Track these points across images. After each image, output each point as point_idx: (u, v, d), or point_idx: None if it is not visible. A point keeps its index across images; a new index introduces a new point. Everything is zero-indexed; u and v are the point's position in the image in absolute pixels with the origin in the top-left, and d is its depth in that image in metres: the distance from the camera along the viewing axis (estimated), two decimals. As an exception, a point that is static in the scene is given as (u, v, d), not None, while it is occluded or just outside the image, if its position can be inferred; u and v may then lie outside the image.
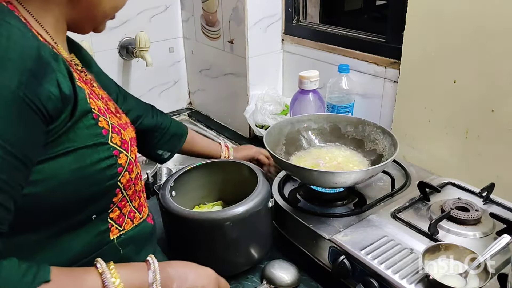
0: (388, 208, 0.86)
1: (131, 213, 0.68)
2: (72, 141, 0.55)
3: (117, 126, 0.62)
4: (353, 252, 0.73)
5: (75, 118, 0.54)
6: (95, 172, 0.58)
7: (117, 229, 0.65)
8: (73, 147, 0.55)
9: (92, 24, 0.64)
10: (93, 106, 0.58)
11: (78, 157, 0.55)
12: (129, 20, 1.43)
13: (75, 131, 0.55)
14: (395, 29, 1.04)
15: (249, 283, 0.83)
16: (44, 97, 0.49)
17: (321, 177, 0.82)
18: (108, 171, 0.59)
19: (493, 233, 0.77)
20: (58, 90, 0.51)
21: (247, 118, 1.35)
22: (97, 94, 0.65)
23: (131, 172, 0.63)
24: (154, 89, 1.60)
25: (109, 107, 0.66)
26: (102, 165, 0.58)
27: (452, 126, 0.97)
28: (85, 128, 0.56)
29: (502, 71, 0.85)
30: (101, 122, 0.59)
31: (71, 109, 0.54)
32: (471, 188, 0.90)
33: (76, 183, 0.56)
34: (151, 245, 0.74)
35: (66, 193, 0.56)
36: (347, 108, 1.16)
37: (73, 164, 0.55)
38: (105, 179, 0.59)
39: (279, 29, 1.38)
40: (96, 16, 0.62)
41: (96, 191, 0.59)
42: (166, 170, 0.99)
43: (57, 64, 0.52)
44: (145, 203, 0.74)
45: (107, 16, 0.64)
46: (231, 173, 0.94)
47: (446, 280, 0.63)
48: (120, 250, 0.65)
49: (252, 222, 0.80)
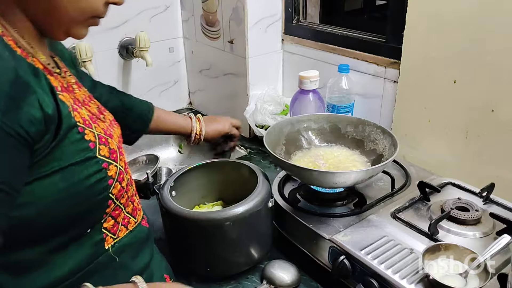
0: (388, 208, 0.86)
1: (125, 219, 0.66)
2: (58, 159, 0.52)
3: (104, 136, 0.60)
4: (353, 252, 0.73)
5: (60, 137, 0.52)
6: (85, 188, 0.56)
7: (112, 238, 0.63)
8: (60, 165, 0.53)
9: (60, 28, 0.58)
10: (78, 119, 0.56)
11: (66, 176, 0.53)
12: (129, 20, 1.43)
13: (60, 149, 0.53)
14: (395, 29, 1.04)
15: (249, 283, 0.83)
16: (25, 122, 0.47)
17: (321, 177, 0.82)
18: (99, 185, 0.57)
19: (493, 233, 0.77)
20: (41, 112, 0.48)
21: (247, 118, 1.34)
22: (79, 100, 0.62)
23: (122, 181, 0.62)
24: (154, 89, 1.60)
25: (92, 111, 0.63)
26: (92, 180, 0.56)
27: (452, 126, 0.97)
28: (71, 144, 0.54)
29: (502, 71, 0.85)
30: (87, 135, 0.56)
31: (55, 128, 0.51)
32: (471, 188, 0.90)
33: (67, 202, 0.54)
34: (148, 249, 0.72)
35: (58, 212, 0.54)
36: (347, 108, 1.16)
37: (62, 183, 0.53)
38: (96, 193, 0.58)
39: (279, 29, 1.37)
40: (60, 19, 0.57)
41: (88, 206, 0.58)
42: (166, 170, 0.99)
43: (37, 81, 0.50)
44: (139, 205, 0.73)
45: (75, 20, 0.58)
46: (231, 173, 0.94)
47: (446, 280, 0.63)
48: (116, 258, 0.64)
49: (252, 222, 0.80)
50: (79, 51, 1.25)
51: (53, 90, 0.52)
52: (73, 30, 0.59)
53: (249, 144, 1.40)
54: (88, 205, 0.58)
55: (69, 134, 0.54)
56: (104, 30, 1.39)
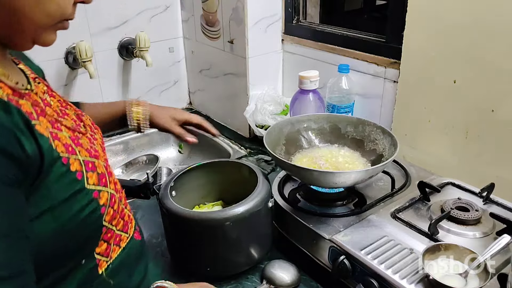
0: (388, 208, 0.86)
1: (117, 237, 0.62)
2: (45, 199, 0.48)
3: (90, 160, 0.55)
4: (353, 252, 0.73)
5: (43, 175, 0.47)
6: (78, 223, 0.52)
7: (105, 261, 0.60)
8: (48, 206, 0.48)
9: (26, 38, 0.51)
10: (60, 149, 0.50)
11: (57, 215, 0.49)
12: (129, 20, 1.43)
13: (46, 186, 0.48)
14: (395, 29, 1.04)
15: (249, 283, 0.83)
16: (6, 165, 0.43)
17: (321, 177, 0.82)
18: (92, 216, 0.54)
19: (493, 233, 0.77)
20: (21, 151, 0.44)
21: (247, 118, 1.35)
22: (57, 114, 0.57)
23: (114, 204, 0.58)
24: (154, 89, 1.60)
25: (71, 125, 0.57)
26: (85, 213, 0.52)
27: (452, 126, 0.97)
28: (56, 180, 0.49)
29: (502, 71, 0.85)
30: (72, 164, 0.51)
31: (38, 166, 0.47)
32: (471, 188, 0.90)
33: (61, 239, 0.51)
34: (143, 263, 0.69)
35: (54, 250, 0.51)
36: (347, 108, 1.16)
37: (53, 223, 0.49)
38: (90, 225, 0.54)
39: (279, 29, 1.38)
40: (26, 28, 0.50)
41: (83, 239, 0.55)
42: (166, 170, 0.99)
43: (9, 118, 0.44)
44: (131, 216, 0.68)
45: (43, 26, 0.51)
46: (231, 173, 0.94)
47: (446, 280, 0.63)
48: (111, 282, 0.61)
49: (252, 222, 0.80)
50: (79, 51, 1.25)
51: (29, 124, 0.47)
52: (41, 38, 0.52)
53: (249, 144, 1.40)
54: (83, 238, 0.55)
55: (53, 168, 0.49)
56: (104, 30, 1.39)
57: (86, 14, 1.33)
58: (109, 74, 1.46)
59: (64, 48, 1.33)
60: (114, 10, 1.39)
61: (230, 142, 1.43)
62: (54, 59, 1.32)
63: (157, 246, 0.93)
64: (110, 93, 1.47)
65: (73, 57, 1.32)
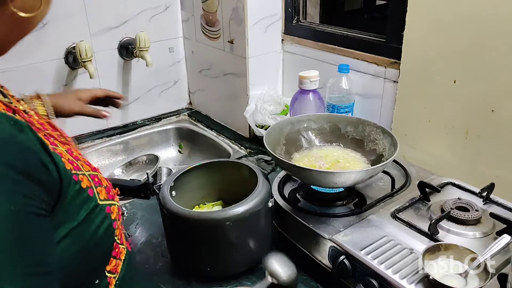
0: (388, 208, 0.86)
1: (120, 251, 0.60)
2: (63, 222, 0.45)
3: (92, 173, 0.52)
4: (353, 252, 0.73)
5: (62, 197, 0.45)
6: (96, 243, 0.50)
7: (114, 278, 0.58)
8: (67, 229, 0.46)
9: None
10: (68, 166, 0.46)
11: (76, 238, 0.47)
12: (129, 20, 1.43)
13: (64, 210, 0.45)
14: (395, 29, 1.04)
15: (249, 283, 0.83)
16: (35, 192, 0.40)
17: (321, 177, 0.82)
18: (107, 233, 0.52)
19: (493, 233, 0.77)
20: (47, 173, 0.41)
21: (247, 118, 1.35)
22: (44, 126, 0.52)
23: (120, 217, 0.57)
24: (154, 89, 1.60)
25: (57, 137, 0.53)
26: (101, 231, 0.51)
27: (452, 126, 0.97)
28: (72, 200, 0.46)
29: (502, 71, 0.85)
30: (83, 181, 0.49)
31: (59, 189, 0.44)
32: (471, 188, 0.90)
33: (77, 263, 0.49)
34: (136, 273, 0.66)
35: (68, 276, 0.48)
36: (347, 108, 1.16)
37: (74, 246, 0.47)
38: (105, 242, 0.53)
39: (279, 29, 1.38)
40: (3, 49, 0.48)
41: (99, 258, 0.53)
42: (166, 170, 0.99)
43: (26, 136, 0.40)
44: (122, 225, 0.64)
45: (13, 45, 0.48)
46: (231, 173, 0.94)
47: (446, 280, 0.63)
48: None
49: (252, 222, 0.80)
50: (79, 51, 1.25)
51: (42, 142, 0.43)
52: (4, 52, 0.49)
53: (249, 144, 1.40)
54: (100, 257, 0.54)
55: (69, 188, 0.46)
56: (104, 30, 1.39)
57: (86, 14, 1.33)
58: (109, 74, 1.46)
59: (64, 48, 1.32)
60: (114, 10, 1.39)
61: (230, 142, 1.43)
62: (54, 59, 1.32)
63: (157, 246, 0.94)
64: (110, 93, 1.47)
65: (73, 57, 1.32)
